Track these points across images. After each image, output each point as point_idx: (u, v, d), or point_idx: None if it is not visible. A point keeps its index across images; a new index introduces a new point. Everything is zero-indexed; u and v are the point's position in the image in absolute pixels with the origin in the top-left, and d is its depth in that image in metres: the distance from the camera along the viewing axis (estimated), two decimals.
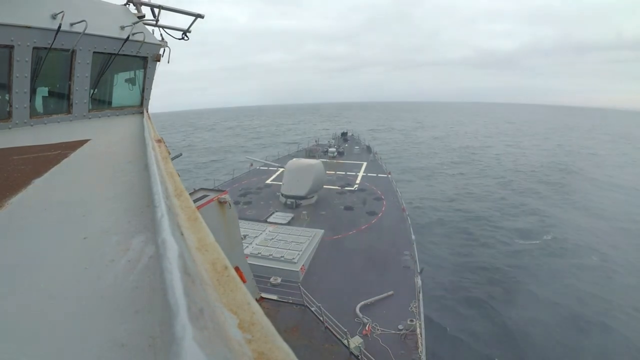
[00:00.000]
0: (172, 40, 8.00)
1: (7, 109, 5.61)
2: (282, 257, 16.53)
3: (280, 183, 27.09)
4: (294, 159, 28.08)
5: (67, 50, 6.03)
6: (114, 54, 6.81)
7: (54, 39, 5.62)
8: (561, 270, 23.04)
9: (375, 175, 33.73)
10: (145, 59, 7.58)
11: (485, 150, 74.52)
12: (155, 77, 8.09)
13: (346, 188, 29.55)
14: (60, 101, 6.57)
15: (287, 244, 17.94)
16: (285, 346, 0.68)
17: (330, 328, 11.69)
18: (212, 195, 10.10)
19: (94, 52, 6.47)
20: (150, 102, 8.29)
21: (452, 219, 32.63)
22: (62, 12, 5.53)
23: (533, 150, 73.73)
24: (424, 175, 51.09)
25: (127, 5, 7.25)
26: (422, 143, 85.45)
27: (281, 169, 29.77)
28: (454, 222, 31.83)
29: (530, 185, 45.27)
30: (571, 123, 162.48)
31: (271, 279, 14.98)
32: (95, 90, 7.02)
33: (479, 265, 23.62)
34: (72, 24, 5.79)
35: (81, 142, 4.96)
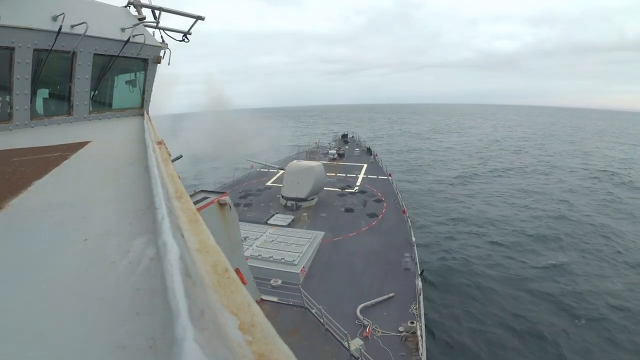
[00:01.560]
0: (172, 42, 8.03)
1: (8, 111, 5.63)
2: (282, 259, 16.51)
3: (281, 185, 27.09)
4: (295, 161, 28.10)
5: (68, 52, 6.04)
6: (115, 55, 6.82)
7: (55, 40, 5.64)
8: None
9: (375, 177, 33.73)
10: (145, 61, 7.60)
11: (513, 157, 66.26)
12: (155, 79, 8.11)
13: (347, 190, 29.54)
14: (60, 103, 6.58)
15: (287, 246, 17.92)
16: (285, 348, 0.68)
17: (330, 330, 11.67)
18: (212, 197, 10.09)
19: (94, 54, 6.49)
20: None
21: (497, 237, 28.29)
22: (62, 13, 5.55)
23: (570, 159, 65.04)
24: (461, 192, 41.95)
25: (128, 7, 7.28)
26: (450, 149, 75.86)
27: (281, 171, 29.79)
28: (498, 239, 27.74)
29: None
30: (584, 124, 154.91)
31: (271, 281, 14.97)
32: (96, 92, 7.03)
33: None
34: (72, 26, 5.81)
35: (82, 144, 4.96)
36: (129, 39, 6.75)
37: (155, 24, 7.38)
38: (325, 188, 27.59)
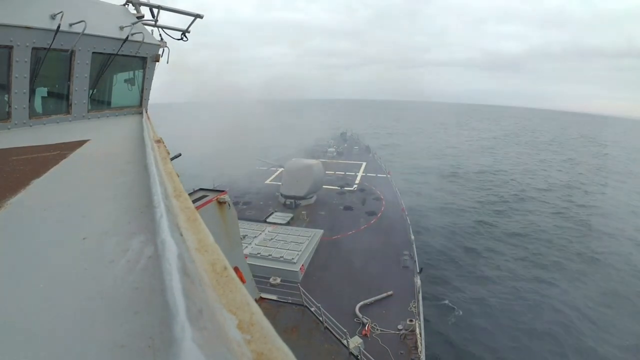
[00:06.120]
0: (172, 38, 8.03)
1: (7, 110, 5.61)
2: (281, 257, 16.54)
3: (280, 183, 27.09)
4: (293, 159, 28.11)
5: (67, 51, 6.02)
6: (113, 54, 6.80)
7: (53, 39, 5.61)
8: None
9: (374, 175, 33.76)
10: (144, 59, 7.58)
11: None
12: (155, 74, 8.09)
13: (345, 188, 29.56)
14: (59, 102, 6.56)
15: (286, 244, 17.95)
16: (284, 347, 0.68)
17: (329, 328, 11.69)
18: (211, 195, 10.09)
19: (93, 53, 6.46)
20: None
21: None
22: (61, 12, 5.53)
23: None
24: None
25: (126, 6, 7.25)
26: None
27: (280, 169, 29.79)
28: None
29: None
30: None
31: (270, 279, 14.99)
32: (95, 90, 7.01)
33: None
34: (71, 24, 5.78)
35: (80, 143, 4.95)
36: (127, 37, 6.72)
37: (153, 22, 7.35)
38: (324, 186, 27.61)
